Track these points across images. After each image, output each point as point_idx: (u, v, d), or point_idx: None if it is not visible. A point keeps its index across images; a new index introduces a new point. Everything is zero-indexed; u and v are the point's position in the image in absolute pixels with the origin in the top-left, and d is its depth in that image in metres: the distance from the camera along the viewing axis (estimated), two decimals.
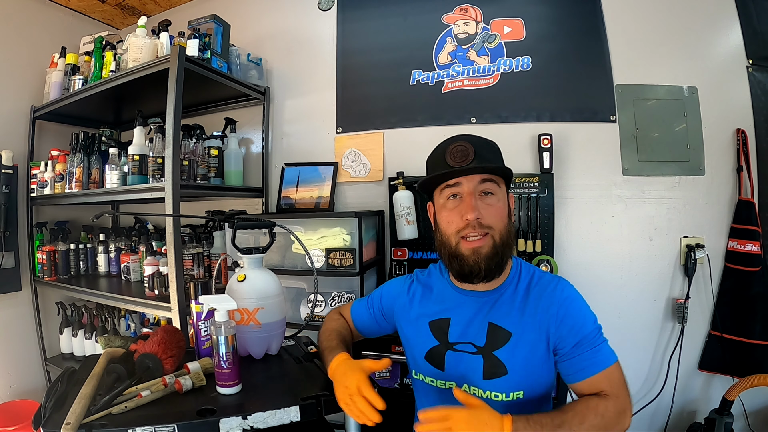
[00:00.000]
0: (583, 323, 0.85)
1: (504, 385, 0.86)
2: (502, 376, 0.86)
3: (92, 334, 2.09)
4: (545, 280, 0.92)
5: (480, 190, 0.87)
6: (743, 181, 1.60)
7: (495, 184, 0.88)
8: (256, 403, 0.84)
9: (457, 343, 0.92)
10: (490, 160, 0.88)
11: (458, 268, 0.89)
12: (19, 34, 2.14)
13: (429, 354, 0.94)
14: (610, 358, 0.83)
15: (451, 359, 0.92)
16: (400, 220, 1.77)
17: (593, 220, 1.71)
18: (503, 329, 0.88)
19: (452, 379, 0.91)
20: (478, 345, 0.89)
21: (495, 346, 0.88)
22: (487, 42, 1.84)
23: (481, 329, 0.90)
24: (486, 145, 0.90)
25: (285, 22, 2.16)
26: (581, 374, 0.83)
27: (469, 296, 0.94)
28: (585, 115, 1.73)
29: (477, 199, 0.86)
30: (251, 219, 1.19)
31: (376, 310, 1.09)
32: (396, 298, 1.06)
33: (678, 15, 1.67)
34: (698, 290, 1.64)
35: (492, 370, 0.87)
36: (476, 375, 0.88)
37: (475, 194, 0.86)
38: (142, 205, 2.27)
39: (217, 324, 0.89)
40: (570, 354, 0.84)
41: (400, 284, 1.08)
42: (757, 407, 1.59)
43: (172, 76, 1.55)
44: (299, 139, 2.13)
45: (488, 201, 0.87)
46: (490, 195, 0.87)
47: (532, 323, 0.87)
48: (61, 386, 0.88)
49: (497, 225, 0.86)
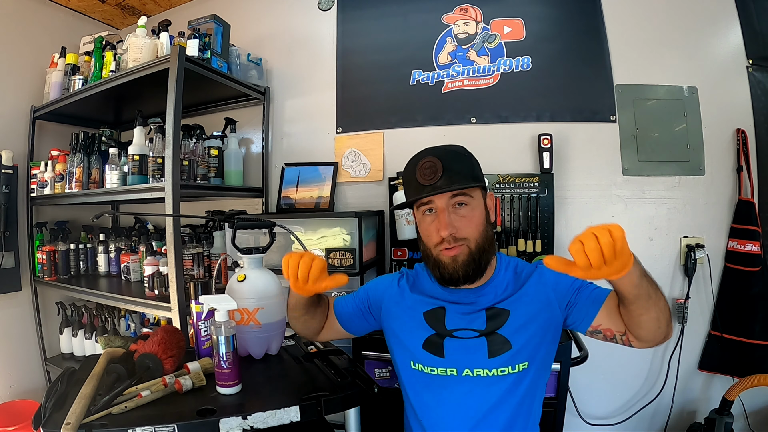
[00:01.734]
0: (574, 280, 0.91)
1: (509, 359, 0.90)
2: (507, 351, 0.90)
3: (92, 334, 2.09)
4: (527, 264, 1.00)
5: (453, 203, 0.90)
6: (743, 181, 1.60)
7: (467, 195, 0.90)
8: (256, 403, 0.84)
9: (456, 329, 0.93)
10: (459, 172, 0.88)
11: (440, 276, 0.93)
12: (19, 34, 2.13)
13: (427, 342, 0.95)
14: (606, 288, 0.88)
15: (451, 345, 0.93)
16: (400, 220, 1.77)
17: (593, 220, 1.71)
18: (501, 309, 0.93)
19: (453, 364, 0.92)
20: (479, 329, 0.92)
21: (497, 325, 0.92)
22: (487, 42, 1.84)
23: (478, 317, 0.93)
24: (454, 157, 0.91)
25: (285, 22, 2.16)
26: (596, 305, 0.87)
27: (460, 293, 0.96)
28: (585, 115, 1.73)
29: (450, 213, 0.89)
30: (251, 219, 1.19)
31: (363, 304, 1.07)
32: (385, 291, 1.06)
33: (678, 15, 1.67)
34: (698, 290, 1.64)
35: (496, 348, 0.90)
36: (480, 356, 0.90)
37: (447, 209, 0.89)
38: (142, 205, 2.27)
39: (217, 324, 0.89)
40: (577, 299, 0.90)
41: (389, 279, 1.08)
42: (757, 407, 1.59)
43: (172, 76, 1.55)
44: (299, 139, 2.13)
45: (461, 212, 0.90)
46: (463, 206, 0.90)
47: (527, 296, 0.93)
48: (61, 386, 0.88)
49: (472, 234, 0.90)
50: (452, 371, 0.92)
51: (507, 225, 1.70)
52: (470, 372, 0.91)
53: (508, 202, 1.70)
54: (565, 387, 1.34)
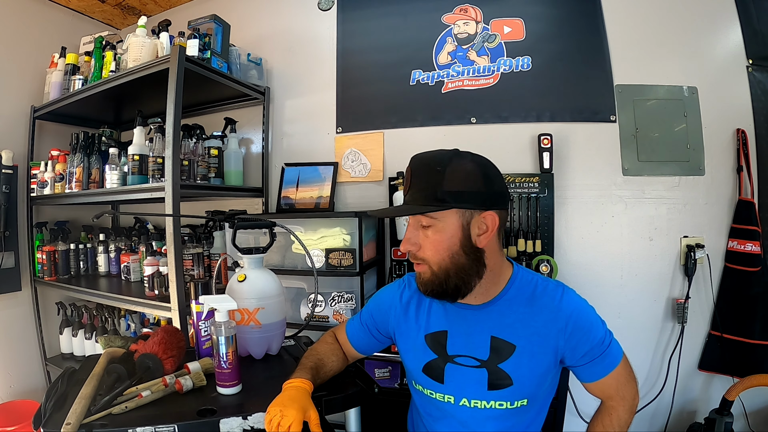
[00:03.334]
0: (592, 334, 0.86)
1: (509, 395, 0.86)
2: (508, 387, 0.86)
3: (92, 334, 2.09)
4: (549, 289, 0.89)
5: (420, 223, 0.85)
6: (743, 181, 1.60)
7: (430, 218, 0.82)
8: (257, 403, 0.84)
9: (457, 356, 0.90)
10: (423, 190, 0.82)
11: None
12: (19, 34, 2.14)
13: (427, 367, 0.92)
14: (616, 359, 0.88)
15: (451, 372, 0.90)
16: (400, 220, 1.77)
17: (593, 220, 1.71)
18: (507, 342, 0.87)
19: (451, 392, 0.89)
20: (481, 359, 0.88)
21: (499, 359, 0.86)
22: (487, 42, 1.84)
23: (482, 343, 0.88)
24: (425, 172, 0.83)
25: (285, 22, 2.16)
26: (591, 378, 0.89)
27: (464, 309, 0.91)
28: (585, 115, 1.73)
29: (417, 230, 0.85)
30: (251, 219, 1.19)
31: (371, 326, 1.04)
32: (389, 310, 1.02)
33: (678, 15, 1.67)
34: (698, 290, 1.64)
35: (497, 382, 0.86)
36: (480, 387, 0.87)
37: (415, 226, 0.86)
38: (142, 205, 2.27)
39: (218, 324, 0.89)
40: (580, 362, 0.88)
41: (392, 293, 1.03)
42: (757, 407, 1.59)
43: (172, 76, 1.55)
44: (299, 139, 2.13)
45: (426, 233, 0.84)
46: (428, 227, 0.83)
47: (538, 335, 0.86)
48: (61, 386, 0.88)
49: (432, 257, 0.83)
50: (450, 398, 0.90)
51: (507, 225, 1.70)
52: (467, 402, 0.88)
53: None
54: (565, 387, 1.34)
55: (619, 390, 0.90)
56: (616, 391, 0.90)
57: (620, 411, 0.90)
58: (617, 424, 0.89)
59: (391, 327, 1.01)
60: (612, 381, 0.88)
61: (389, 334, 1.03)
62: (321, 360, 0.96)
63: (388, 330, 1.02)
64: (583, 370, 0.89)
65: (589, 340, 0.86)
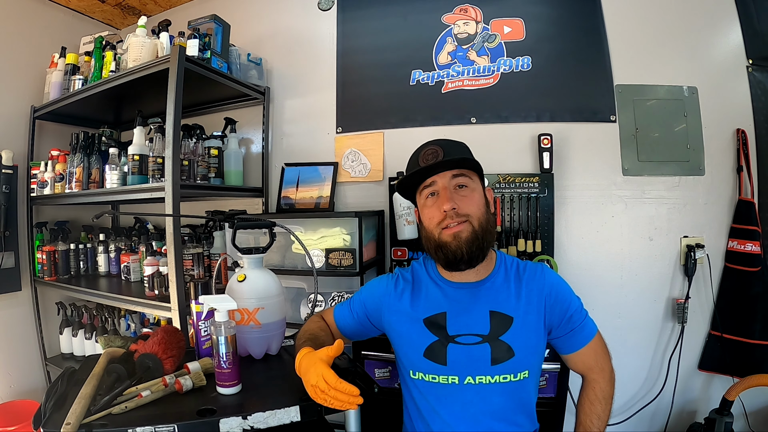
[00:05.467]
0: (572, 303, 0.97)
1: (512, 367, 0.91)
2: (510, 359, 0.90)
3: (92, 334, 2.09)
4: (530, 267, 1.00)
5: (454, 185, 0.93)
6: (743, 181, 1.60)
7: (467, 177, 0.94)
8: (256, 403, 0.84)
9: (459, 335, 0.93)
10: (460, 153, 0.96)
11: (443, 257, 0.93)
12: (19, 34, 2.13)
13: (428, 350, 0.94)
14: (592, 331, 0.98)
15: (454, 352, 0.92)
16: (400, 220, 1.77)
17: (593, 220, 1.71)
18: (504, 314, 0.93)
19: (455, 372, 0.92)
20: (483, 333, 0.92)
21: (500, 331, 0.92)
22: (487, 42, 1.84)
23: (482, 318, 0.93)
24: (455, 145, 0.98)
25: (285, 22, 2.16)
26: (571, 349, 0.98)
27: (461, 288, 0.97)
28: (585, 115, 1.73)
29: (452, 192, 0.92)
30: (251, 219, 1.19)
31: (360, 314, 1.06)
32: (382, 298, 1.04)
33: (678, 15, 1.67)
34: (698, 290, 1.64)
35: (500, 355, 0.91)
36: (483, 363, 0.91)
37: (449, 188, 0.93)
38: (142, 205, 2.27)
39: (217, 324, 0.89)
40: (560, 333, 0.97)
41: (384, 284, 1.06)
42: (757, 407, 1.59)
43: (172, 76, 1.55)
44: (299, 139, 2.13)
45: (462, 193, 0.93)
46: (464, 188, 0.93)
47: (529, 306, 0.94)
48: (61, 386, 0.88)
49: (474, 212, 0.92)
50: (454, 379, 0.92)
51: (507, 225, 1.70)
52: (472, 380, 0.91)
53: (508, 202, 1.70)
54: (565, 387, 1.34)
55: (598, 361, 0.98)
56: (596, 362, 0.98)
57: (602, 383, 0.98)
58: (601, 396, 0.97)
59: (384, 317, 1.03)
60: (590, 351, 0.97)
61: (380, 324, 1.05)
62: (314, 334, 1.00)
63: (380, 320, 1.04)
64: (565, 341, 0.97)
65: (570, 308, 0.96)
